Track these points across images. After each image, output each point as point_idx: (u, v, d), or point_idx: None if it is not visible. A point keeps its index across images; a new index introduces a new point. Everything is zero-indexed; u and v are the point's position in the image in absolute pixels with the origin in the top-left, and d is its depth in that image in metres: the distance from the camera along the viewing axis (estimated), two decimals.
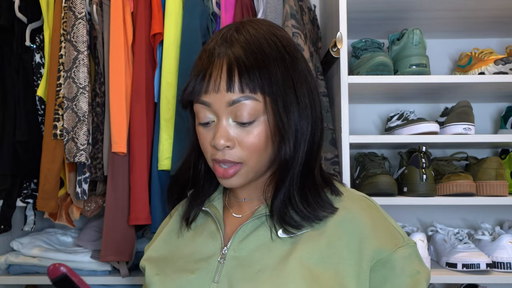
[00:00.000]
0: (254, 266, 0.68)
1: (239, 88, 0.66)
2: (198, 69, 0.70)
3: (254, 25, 0.72)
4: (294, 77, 0.70)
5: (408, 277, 0.68)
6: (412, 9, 1.47)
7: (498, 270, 1.34)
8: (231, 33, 0.71)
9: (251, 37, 0.69)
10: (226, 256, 0.71)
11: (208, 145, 0.71)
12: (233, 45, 0.68)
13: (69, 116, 1.24)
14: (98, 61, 1.30)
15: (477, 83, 1.37)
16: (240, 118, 0.68)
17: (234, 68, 0.66)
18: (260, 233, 0.72)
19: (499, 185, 1.36)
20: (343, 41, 1.28)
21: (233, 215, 0.78)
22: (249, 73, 0.66)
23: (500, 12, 1.48)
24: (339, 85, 1.31)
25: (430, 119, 1.51)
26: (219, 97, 0.67)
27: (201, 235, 0.77)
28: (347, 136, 1.30)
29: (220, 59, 0.68)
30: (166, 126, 1.26)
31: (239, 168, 0.70)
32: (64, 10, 1.29)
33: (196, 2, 1.30)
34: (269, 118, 0.69)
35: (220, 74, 0.67)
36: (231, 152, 0.69)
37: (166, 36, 1.28)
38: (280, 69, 0.68)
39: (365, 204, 0.73)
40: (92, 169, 1.27)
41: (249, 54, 0.67)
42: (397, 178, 1.46)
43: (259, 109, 0.68)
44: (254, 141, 0.68)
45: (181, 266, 0.74)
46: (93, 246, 1.43)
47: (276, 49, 0.69)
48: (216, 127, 0.69)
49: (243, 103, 0.67)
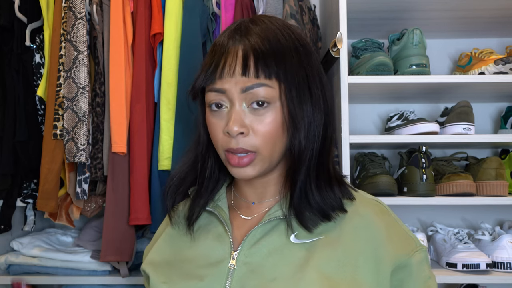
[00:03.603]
0: (268, 274, 0.66)
1: (254, 73, 0.66)
2: (210, 58, 0.70)
3: (269, 18, 0.73)
4: (307, 69, 0.70)
5: (422, 282, 0.68)
6: (412, 9, 1.47)
7: (498, 270, 1.34)
8: (246, 24, 0.71)
9: (267, 27, 0.70)
10: (237, 262, 0.69)
11: (219, 134, 0.70)
12: (248, 33, 0.69)
13: (69, 116, 1.24)
14: (98, 61, 1.30)
15: (477, 83, 1.37)
16: (255, 100, 0.67)
17: (250, 54, 0.67)
18: (272, 238, 0.70)
19: (499, 185, 1.36)
20: (343, 41, 1.28)
21: (242, 217, 0.76)
22: (265, 59, 0.66)
23: (500, 12, 1.48)
24: (339, 85, 1.31)
25: (430, 119, 1.51)
26: (233, 82, 0.67)
27: (207, 237, 0.75)
28: (347, 136, 1.30)
29: (235, 46, 0.68)
30: (166, 126, 1.26)
31: (253, 157, 0.68)
32: (64, 10, 1.29)
33: (196, 2, 1.30)
34: (282, 106, 0.68)
35: (235, 59, 0.67)
36: (245, 140, 0.67)
37: (166, 36, 1.28)
38: (295, 59, 0.69)
39: (377, 209, 0.72)
40: (92, 169, 1.27)
41: (265, 42, 0.67)
42: (397, 178, 1.46)
43: (273, 95, 0.67)
44: (267, 128, 0.67)
45: (188, 271, 0.71)
46: (93, 246, 1.43)
47: (291, 41, 0.70)
48: (229, 113, 0.68)
49: (258, 89, 0.67)
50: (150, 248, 0.82)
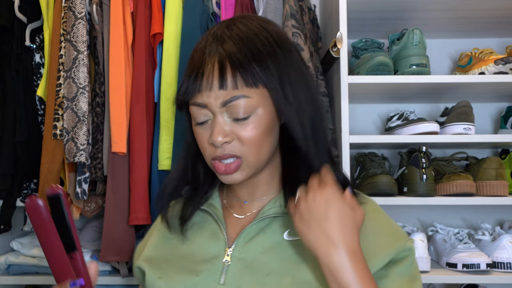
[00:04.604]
0: (262, 270, 0.68)
1: (232, 84, 0.66)
2: (190, 69, 0.70)
3: (245, 21, 0.71)
4: (289, 69, 0.70)
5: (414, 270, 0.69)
6: (412, 9, 1.47)
7: (498, 270, 1.34)
8: (222, 30, 0.70)
9: (242, 33, 0.69)
10: (231, 258, 0.71)
11: (206, 144, 0.70)
12: (224, 42, 0.68)
13: (69, 116, 1.24)
14: (98, 61, 1.30)
15: (477, 83, 1.37)
16: (236, 115, 0.67)
17: (226, 64, 0.66)
18: (266, 235, 0.72)
19: (499, 185, 1.36)
20: (343, 41, 1.28)
21: (235, 216, 0.77)
22: (243, 67, 0.66)
23: (500, 12, 1.48)
24: (339, 85, 1.31)
25: (430, 119, 1.50)
26: (213, 96, 0.67)
27: (202, 234, 0.76)
28: (347, 136, 1.30)
29: (211, 57, 0.67)
30: (166, 126, 1.26)
31: (240, 163, 0.69)
32: (64, 10, 1.29)
33: (196, 2, 1.30)
34: (266, 110, 0.68)
35: (212, 72, 0.67)
36: (230, 146, 0.68)
37: (166, 36, 1.28)
38: (274, 63, 0.68)
39: (368, 208, 0.73)
40: (92, 169, 1.27)
41: (241, 49, 0.67)
42: (397, 178, 1.46)
43: (254, 104, 0.67)
44: (251, 134, 0.68)
45: (184, 267, 0.73)
46: (93, 246, 1.43)
47: (268, 44, 0.69)
48: (212, 124, 0.69)
49: (237, 101, 0.66)
50: (144, 245, 0.82)
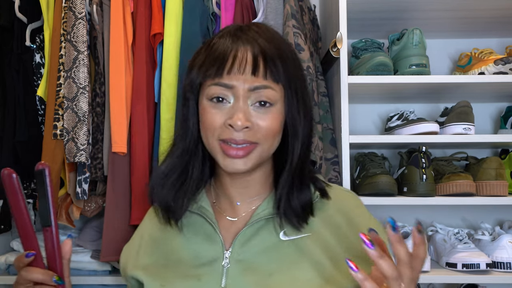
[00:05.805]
0: (264, 270, 0.69)
1: (263, 74, 0.69)
2: (215, 54, 0.70)
3: (262, 26, 0.76)
4: (302, 77, 0.75)
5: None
6: (412, 9, 1.47)
7: (498, 270, 1.34)
8: (248, 28, 0.73)
9: (269, 33, 0.73)
10: (230, 260, 0.71)
11: (217, 124, 0.70)
12: (254, 36, 0.71)
13: (69, 116, 1.24)
14: (98, 61, 1.30)
15: (477, 83, 1.37)
16: (260, 100, 0.70)
17: (259, 56, 0.69)
18: (262, 236, 0.73)
19: (499, 185, 1.36)
20: (343, 41, 1.28)
21: (228, 219, 0.77)
22: (273, 62, 0.69)
23: (500, 12, 1.48)
24: (339, 85, 1.31)
25: (430, 119, 1.51)
26: (242, 80, 0.69)
27: (196, 237, 0.76)
28: (347, 136, 1.30)
29: (245, 46, 0.70)
30: (166, 126, 1.26)
31: (251, 148, 0.69)
32: (64, 10, 1.29)
33: (196, 2, 1.30)
34: (282, 107, 0.72)
35: (245, 58, 0.69)
36: (249, 133, 0.69)
37: (166, 36, 1.28)
38: (295, 66, 0.74)
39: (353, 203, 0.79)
40: (92, 169, 1.27)
41: (272, 46, 0.70)
42: (397, 178, 1.46)
43: (277, 98, 0.70)
44: (269, 124, 0.70)
45: (184, 272, 0.73)
46: (93, 246, 1.43)
47: (288, 48, 0.74)
48: (233, 108, 0.69)
49: (265, 90, 0.69)
50: (135, 252, 0.81)
